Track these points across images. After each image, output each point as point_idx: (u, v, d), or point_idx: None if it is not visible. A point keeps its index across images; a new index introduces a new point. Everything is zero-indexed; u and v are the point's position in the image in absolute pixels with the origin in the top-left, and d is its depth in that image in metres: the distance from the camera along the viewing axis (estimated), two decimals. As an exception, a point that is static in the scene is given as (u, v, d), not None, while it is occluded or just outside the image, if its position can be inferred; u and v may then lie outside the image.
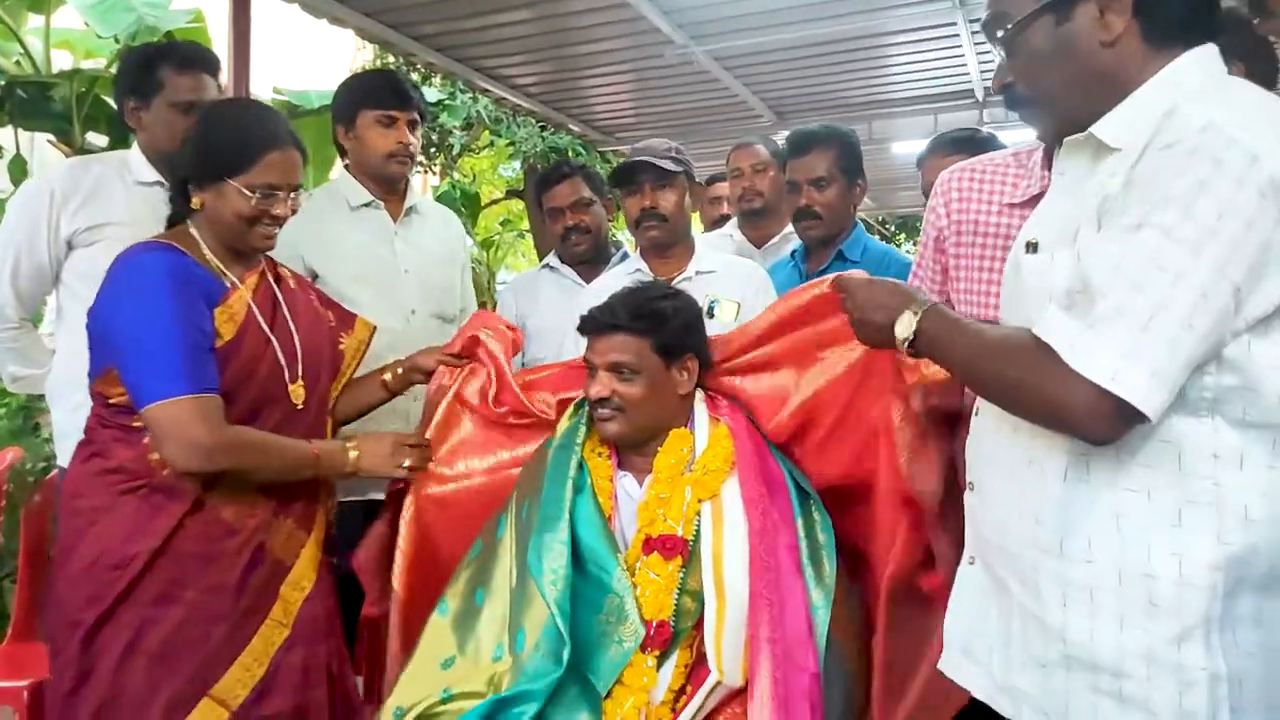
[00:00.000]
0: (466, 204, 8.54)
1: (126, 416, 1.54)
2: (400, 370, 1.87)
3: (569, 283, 2.58)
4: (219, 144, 1.60)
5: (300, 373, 1.67)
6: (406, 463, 1.71)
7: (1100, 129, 1.07)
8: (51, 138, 4.88)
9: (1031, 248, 1.12)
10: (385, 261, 2.28)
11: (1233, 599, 0.99)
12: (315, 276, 2.18)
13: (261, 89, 4.56)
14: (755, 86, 5.04)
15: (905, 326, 1.18)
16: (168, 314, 1.49)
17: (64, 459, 2.03)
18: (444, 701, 1.45)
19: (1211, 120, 0.95)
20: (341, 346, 1.84)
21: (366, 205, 2.30)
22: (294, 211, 1.65)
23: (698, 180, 2.26)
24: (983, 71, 4.78)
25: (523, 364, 2.62)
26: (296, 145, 1.64)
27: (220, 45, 3.81)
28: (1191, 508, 1.00)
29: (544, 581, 1.47)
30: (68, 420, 2.00)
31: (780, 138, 3.34)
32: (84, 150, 4.65)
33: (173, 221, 1.69)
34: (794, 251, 2.52)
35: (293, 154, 1.63)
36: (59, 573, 1.57)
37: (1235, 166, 0.93)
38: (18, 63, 4.83)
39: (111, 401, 1.56)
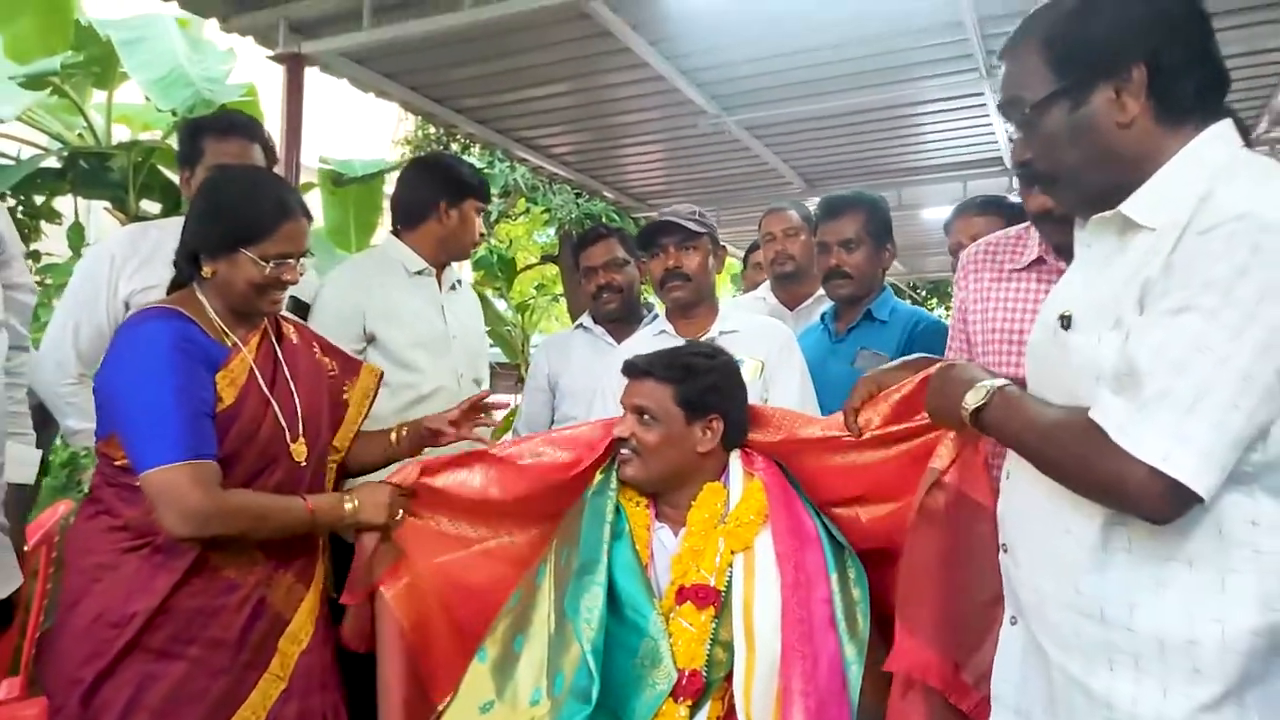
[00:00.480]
0: (503, 269, 8.72)
1: (131, 476, 1.55)
2: (406, 431, 1.88)
3: (601, 342, 2.64)
4: (234, 215, 1.62)
5: (301, 430, 1.69)
6: (400, 514, 1.73)
7: (1130, 208, 1.10)
8: (108, 205, 5.10)
9: (1066, 322, 1.13)
10: (437, 328, 2.40)
11: (1268, 660, 1.01)
12: (373, 339, 2.26)
13: (307, 158, 4.75)
14: (786, 155, 5.15)
15: (975, 397, 1.21)
16: (168, 383, 1.52)
17: None
18: None
19: (1248, 206, 0.97)
20: (345, 395, 1.86)
21: (420, 273, 2.42)
22: (303, 274, 1.70)
23: (722, 244, 2.32)
24: (1011, 139, 4.84)
25: (553, 421, 2.66)
26: (306, 213, 1.69)
27: (272, 117, 4.00)
28: (1234, 575, 1.01)
29: (579, 622, 1.50)
30: None
31: (811, 204, 3.42)
32: (139, 217, 4.85)
33: (177, 284, 1.71)
34: (823, 314, 2.56)
35: (304, 223, 1.67)
36: (61, 629, 1.57)
37: (1273, 251, 0.95)
38: (80, 135, 5.09)
39: (117, 463, 1.58)
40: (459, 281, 2.61)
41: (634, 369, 1.74)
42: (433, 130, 7.32)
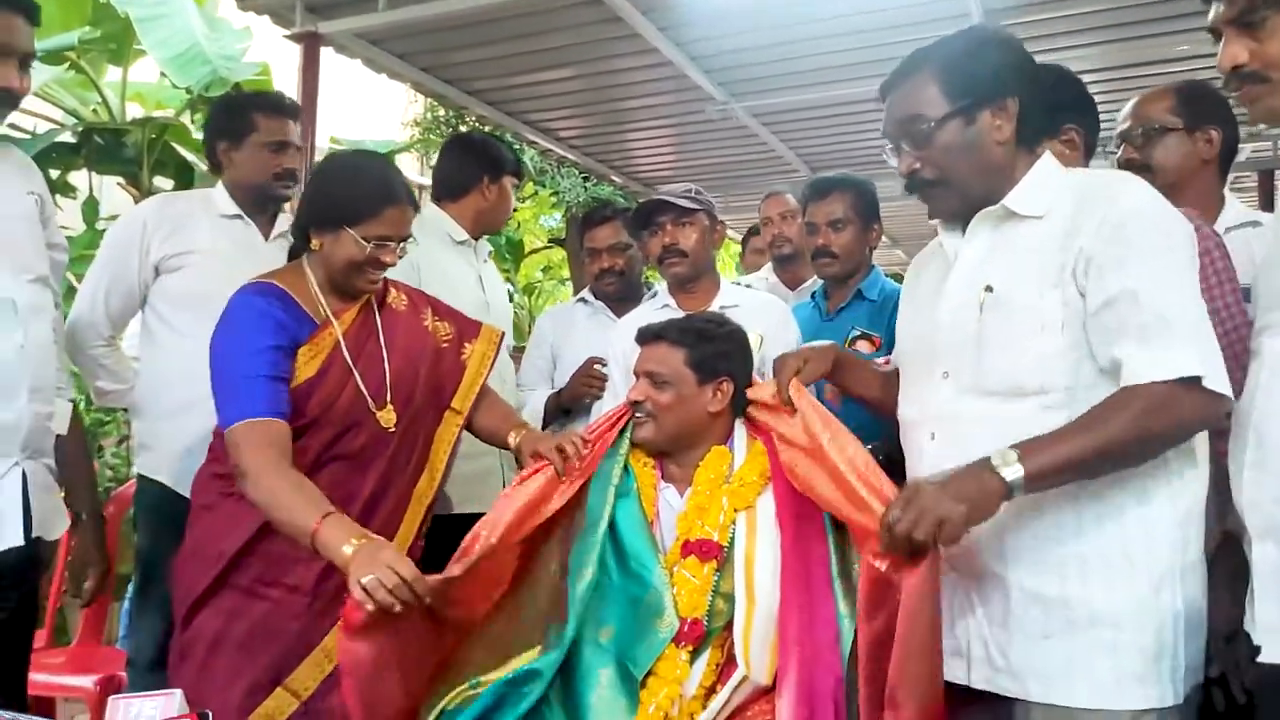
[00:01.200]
0: (510, 251, 8.78)
1: None
2: (521, 442, 1.83)
3: (602, 316, 2.70)
4: (344, 194, 1.73)
5: (389, 398, 1.77)
6: (381, 597, 1.38)
7: (1011, 203, 1.40)
8: (121, 181, 5.16)
9: (990, 289, 1.38)
10: (479, 296, 2.53)
11: (1184, 551, 1.30)
12: None
13: (318, 138, 4.82)
14: (792, 142, 5.20)
15: (1012, 469, 1.23)
16: (240, 348, 1.65)
17: (144, 469, 2.21)
18: (471, 686, 1.57)
19: (1148, 196, 1.33)
20: (464, 357, 1.93)
21: (462, 243, 2.55)
22: (401, 257, 1.79)
23: (720, 220, 2.38)
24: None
25: (551, 388, 2.70)
26: (412, 202, 1.78)
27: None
28: (1153, 482, 1.30)
29: (575, 575, 1.61)
30: (148, 433, 2.20)
31: (807, 188, 3.48)
32: (151, 193, 4.92)
33: (294, 254, 1.85)
34: (814, 293, 2.62)
35: (408, 211, 1.77)
36: (178, 560, 1.75)
37: (1181, 225, 1.32)
38: (95, 111, 5.14)
39: None
40: (490, 254, 2.74)
41: (647, 335, 1.82)
42: (443, 113, 7.35)
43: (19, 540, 1.64)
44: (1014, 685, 1.32)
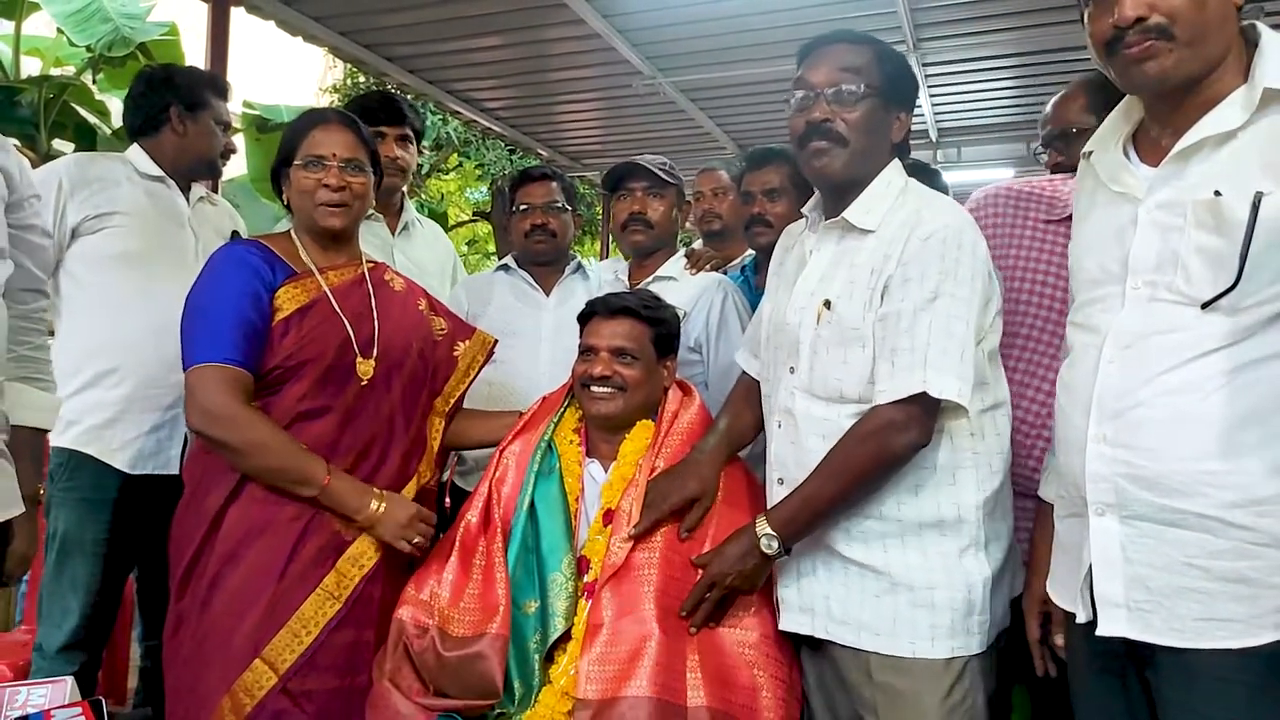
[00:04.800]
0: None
1: None
2: None
3: (523, 285, 2.52)
4: (284, 135, 1.82)
5: (375, 353, 1.75)
6: (415, 539, 1.70)
7: (851, 215, 1.54)
8: (17, 143, 4.87)
9: (828, 305, 1.52)
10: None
11: (988, 524, 1.49)
12: None
13: (231, 102, 4.63)
14: (719, 119, 5.21)
15: (768, 543, 1.50)
16: (210, 293, 1.67)
17: (70, 443, 2.07)
18: None
19: (948, 220, 1.47)
20: (456, 353, 1.96)
21: (368, 218, 2.40)
22: (355, 185, 1.76)
23: (687, 199, 2.41)
24: (935, 112, 5.01)
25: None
26: (346, 123, 1.80)
27: (194, 59, 3.87)
28: (960, 470, 1.49)
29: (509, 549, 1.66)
30: (73, 406, 2.04)
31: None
32: (50, 157, 4.66)
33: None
34: (744, 266, 2.63)
35: (335, 129, 1.78)
36: (176, 516, 1.72)
37: (967, 248, 1.45)
38: (-15, 67, 4.84)
39: None
40: (418, 220, 2.64)
41: (610, 308, 1.80)
42: (363, 79, 7.15)
43: None
44: (851, 636, 1.50)
